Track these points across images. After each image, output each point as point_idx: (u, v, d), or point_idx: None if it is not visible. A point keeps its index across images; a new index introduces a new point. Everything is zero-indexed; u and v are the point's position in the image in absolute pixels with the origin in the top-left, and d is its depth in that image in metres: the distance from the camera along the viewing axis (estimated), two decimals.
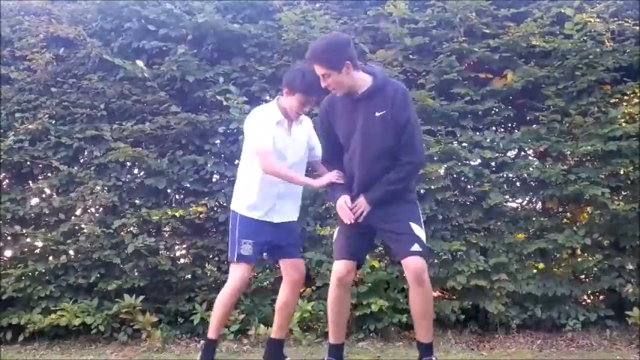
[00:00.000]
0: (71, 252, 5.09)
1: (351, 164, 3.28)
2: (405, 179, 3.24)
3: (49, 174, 5.35)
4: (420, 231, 3.24)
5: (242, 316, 4.85)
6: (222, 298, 3.66)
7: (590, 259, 4.87)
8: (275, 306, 3.83)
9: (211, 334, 3.68)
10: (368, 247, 3.62)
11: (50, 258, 5.12)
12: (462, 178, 5.05)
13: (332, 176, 3.36)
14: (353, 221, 3.24)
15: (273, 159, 3.49)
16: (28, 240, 5.19)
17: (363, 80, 3.18)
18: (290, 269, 3.71)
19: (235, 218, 3.67)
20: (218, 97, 5.07)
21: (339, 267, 3.30)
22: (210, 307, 4.90)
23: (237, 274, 3.61)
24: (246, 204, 3.64)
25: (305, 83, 3.43)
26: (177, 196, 5.39)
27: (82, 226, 5.13)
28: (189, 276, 5.11)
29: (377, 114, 3.14)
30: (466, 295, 4.86)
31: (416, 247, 3.18)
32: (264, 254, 3.93)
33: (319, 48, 3.13)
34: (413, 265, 3.16)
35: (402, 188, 3.26)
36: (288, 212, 3.73)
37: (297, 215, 3.81)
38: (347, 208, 3.25)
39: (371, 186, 3.23)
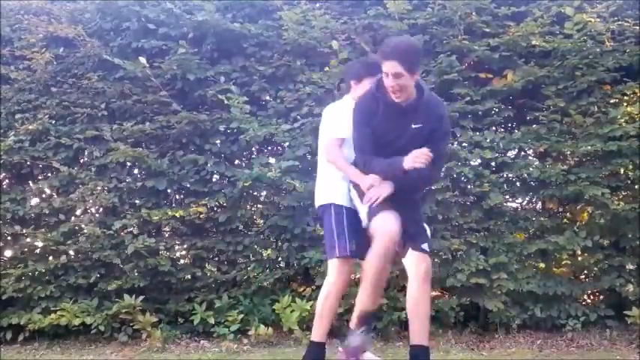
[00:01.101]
0: (71, 252, 5.10)
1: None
2: (412, 181, 3.18)
3: (49, 174, 5.35)
4: (429, 233, 3.32)
5: (242, 316, 4.85)
6: (327, 298, 3.43)
7: (590, 258, 4.86)
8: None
9: (315, 337, 3.46)
10: None
11: (50, 258, 5.12)
12: (462, 179, 5.05)
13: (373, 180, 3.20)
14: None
15: (338, 150, 3.38)
16: (28, 240, 5.19)
17: (411, 92, 3.14)
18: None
19: (339, 209, 3.39)
20: (219, 97, 5.07)
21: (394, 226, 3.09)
22: (209, 308, 4.93)
23: (344, 269, 3.39)
24: (344, 194, 3.41)
25: (367, 68, 3.48)
26: (177, 197, 5.39)
27: (83, 226, 5.13)
28: (189, 276, 5.10)
29: (413, 126, 3.14)
30: (465, 293, 4.86)
31: (426, 247, 3.21)
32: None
33: (403, 47, 3.05)
34: (424, 262, 3.14)
35: (411, 193, 3.29)
36: None
37: None
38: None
39: (399, 191, 3.18)
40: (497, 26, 5.15)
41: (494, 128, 5.29)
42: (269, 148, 5.56)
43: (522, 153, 5.27)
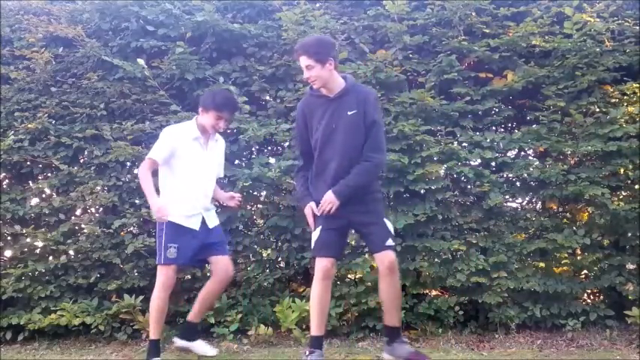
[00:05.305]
0: (71, 252, 5.10)
1: (327, 159, 3.52)
2: (368, 174, 3.50)
3: (49, 174, 5.36)
4: (390, 226, 3.57)
5: (240, 316, 4.85)
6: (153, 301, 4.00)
7: (590, 257, 4.86)
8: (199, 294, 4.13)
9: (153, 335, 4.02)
10: (345, 243, 3.90)
11: (50, 258, 5.13)
12: (462, 179, 5.04)
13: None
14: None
15: (147, 168, 3.80)
16: (28, 240, 5.20)
17: (339, 83, 3.52)
18: (215, 266, 4.06)
19: (162, 224, 3.87)
20: None
21: (324, 263, 3.55)
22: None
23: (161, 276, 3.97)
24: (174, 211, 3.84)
25: (215, 102, 3.90)
26: None
27: (82, 226, 5.13)
28: (188, 276, 5.10)
29: (349, 113, 3.46)
30: (465, 291, 4.86)
31: (390, 242, 3.51)
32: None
33: (309, 42, 3.53)
34: (388, 258, 3.48)
35: (369, 184, 3.54)
36: (212, 218, 4.06)
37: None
38: (312, 217, 3.59)
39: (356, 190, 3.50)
40: (497, 27, 5.15)
41: (494, 128, 5.29)
42: (269, 148, 5.56)
43: (522, 153, 5.27)
